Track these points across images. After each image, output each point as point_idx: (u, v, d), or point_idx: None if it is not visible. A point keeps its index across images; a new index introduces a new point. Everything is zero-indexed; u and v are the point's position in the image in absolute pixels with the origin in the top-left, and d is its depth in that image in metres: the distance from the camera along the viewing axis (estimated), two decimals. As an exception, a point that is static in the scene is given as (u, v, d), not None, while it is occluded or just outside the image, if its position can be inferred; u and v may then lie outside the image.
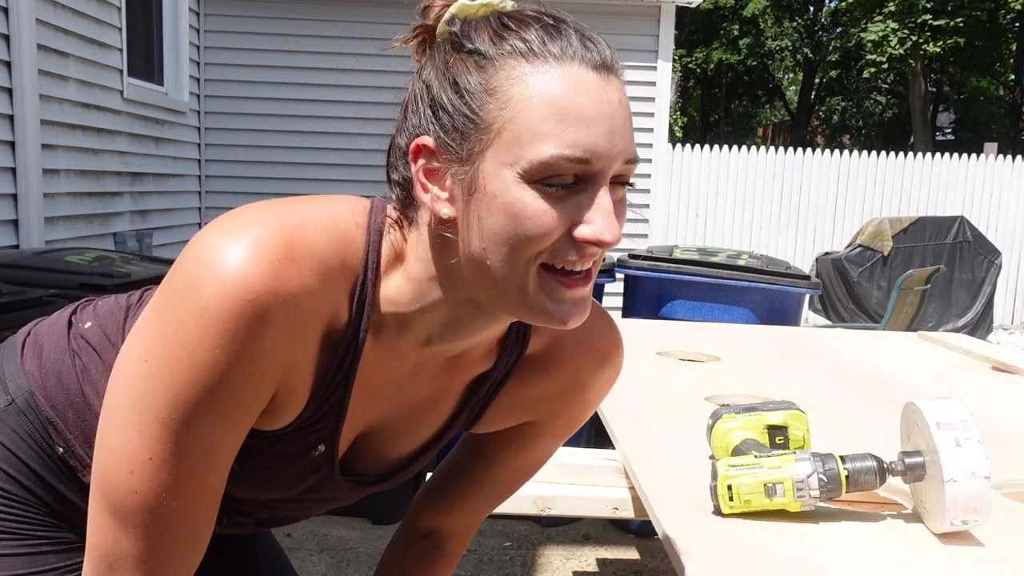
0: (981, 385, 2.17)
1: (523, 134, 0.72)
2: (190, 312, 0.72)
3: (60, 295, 2.37)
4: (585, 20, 0.80)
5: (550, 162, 0.71)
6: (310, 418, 0.84)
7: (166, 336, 0.73)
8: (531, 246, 0.73)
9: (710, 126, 28.03)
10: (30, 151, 3.70)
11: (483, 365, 0.91)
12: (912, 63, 18.47)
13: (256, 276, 0.72)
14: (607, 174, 0.73)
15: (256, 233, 0.73)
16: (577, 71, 0.72)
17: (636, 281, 3.91)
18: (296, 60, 6.25)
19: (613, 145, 0.72)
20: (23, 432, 0.92)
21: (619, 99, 0.74)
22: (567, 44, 0.73)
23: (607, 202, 0.73)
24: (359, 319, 0.81)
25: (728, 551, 1.10)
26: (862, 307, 7.28)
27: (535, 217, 0.72)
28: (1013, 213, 8.62)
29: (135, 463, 0.75)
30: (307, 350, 0.78)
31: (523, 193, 0.72)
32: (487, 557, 3.00)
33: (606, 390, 1.00)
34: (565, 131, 0.71)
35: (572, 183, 0.72)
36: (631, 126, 0.75)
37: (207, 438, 0.75)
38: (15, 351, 0.97)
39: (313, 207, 0.80)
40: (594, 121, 0.72)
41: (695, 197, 8.34)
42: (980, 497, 1.09)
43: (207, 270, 0.72)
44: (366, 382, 0.85)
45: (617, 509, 1.54)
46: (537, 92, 0.72)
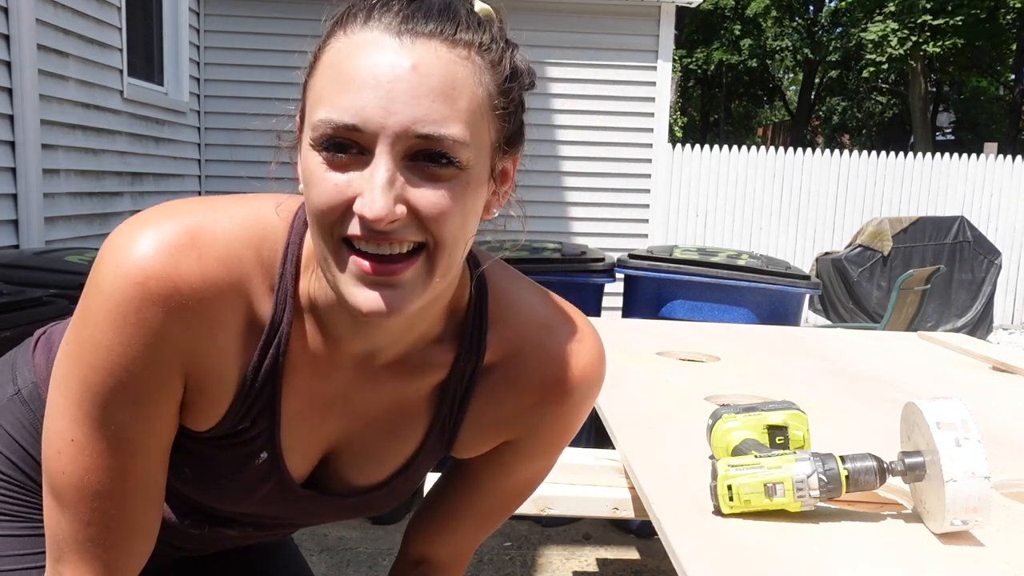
0: (981, 385, 2.16)
1: (313, 100, 0.72)
2: (92, 296, 0.75)
3: (60, 295, 2.37)
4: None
5: (320, 126, 0.69)
6: (241, 420, 0.82)
7: (77, 321, 0.77)
8: (321, 217, 0.70)
9: (710, 126, 28.03)
10: (30, 151, 3.70)
11: (439, 373, 0.87)
12: (912, 63, 18.47)
13: (149, 261, 0.73)
14: (385, 144, 0.67)
15: (162, 223, 0.75)
16: (370, 36, 0.69)
17: (636, 281, 3.91)
18: (296, 60, 6.24)
19: (389, 113, 0.67)
20: (26, 421, 0.95)
21: (414, 65, 0.68)
22: (382, 11, 0.70)
23: (380, 174, 0.67)
24: (280, 315, 0.79)
25: (728, 551, 1.09)
26: (862, 307, 7.28)
27: (317, 185, 0.70)
28: (1013, 213, 8.62)
29: (61, 444, 0.78)
30: (219, 344, 0.78)
31: (311, 160, 0.71)
32: (487, 557, 3.00)
33: (585, 404, 0.93)
34: (337, 95, 0.68)
35: (355, 152, 0.69)
36: (437, 100, 0.68)
37: (120, 422, 0.77)
38: (28, 347, 1.01)
39: (236, 203, 0.81)
40: (367, 86, 0.67)
41: (695, 197, 8.34)
42: (980, 497, 1.09)
43: (109, 256, 0.74)
44: (305, 391, 0.84)
45: (617, 509, 1.54)
46: (328, 58, 0.71)
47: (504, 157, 0.77)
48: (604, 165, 6.38)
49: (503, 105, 0.74)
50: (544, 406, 0.90)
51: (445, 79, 0.68)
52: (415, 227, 0.70)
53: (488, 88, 0.72)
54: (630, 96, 6.36)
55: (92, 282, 0.75)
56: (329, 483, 0.93)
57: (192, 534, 0.98)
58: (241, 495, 0.90)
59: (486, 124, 0.72)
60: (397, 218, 0.68)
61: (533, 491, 1.04)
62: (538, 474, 1.02)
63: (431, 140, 0.68)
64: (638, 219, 6.57)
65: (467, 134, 0.69)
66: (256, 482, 0.88)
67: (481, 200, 0.75)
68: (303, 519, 0.98)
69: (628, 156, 6.45)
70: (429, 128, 0.68)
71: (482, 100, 0.71)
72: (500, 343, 0.88)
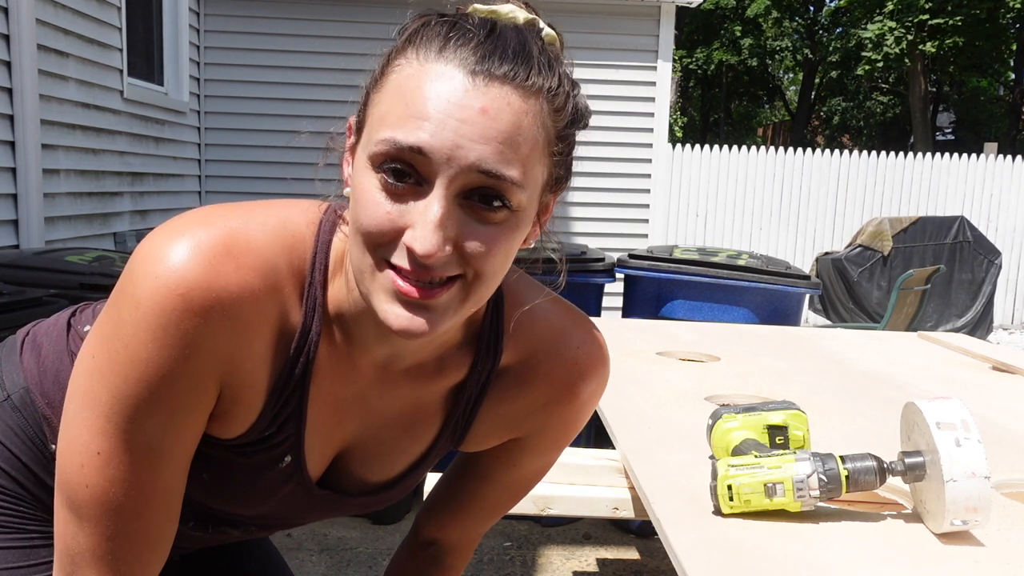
0: (981, 385, 2.17)
1: (377, 120, 0.72)
2: (126, 308, 0.73)
3: (60, 295, 2.37)
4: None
5: (383, 144, 0.69)
6: (268, 426, 0.83)
7: (107, 332, 0.75)
8: (368, 238, 0.71)
9: (710, 126, 28.03)
10: (30, 151, 3.70)
11: (455, 376, 0.89)
12: (908, 62, 18.47)
13: (189, 272, 0.72)
14: (444, 179, 0.69)
15: (196, 231, 0.74)
16: (444, 69, 0.70)
17: (636, 281, 3.91)
18: (296, 60, 6.25)
19: (456, 147, 0.68)
20: (17, 428, 0.93)
21: (485, 108, 0.69)
22: (458, 43, 0.71)
23: (435, 210, 0.68)
24: (309, 322, 0.80)
25: (728, 551, 1.10)
26: (862, 307, 7.28)
27: (369, 205, 0.70)
28: (1013, 213, 8.62)
29: (85, 457, 0.76)
30: (254, 352, 0.78)
31: (366, 178, 0.71)
32: (487, 557, 3.00)
33: (590, 404, 0.97)
34: (406, 120, 0.69)
35: (412, 182, 0.69)
36: (503, 144, 0.69)
37: (151, 434, 0.76)
38: (14, 349, 0.98)
39: (262, 209, 0.80)
40: (436, 119, 0.68)
41: (695, 197, 8.34)
42: (980, 497, 1.09)
43: (143, 267, 0.73)
44: (327, 395, 0.85)
45: (617, 509, 1.54)
46: (399, 82, 0.71)
47: (549, 195, 0.79)
48: (604, 165, 6.38)
49: (559, 150, 0.76)
50: (554, 405, 0.94)
51: (512, 126, 0.70)
52: (457, 262, 0.71)
53: (548, 133, 0.74)
54: (630, 96, 6.35)
55: (126, 293, 0.73)
56: (340, 481, 0.94)
57: (194, 536, 0.97)
58: (260, 498, 0.90)
59: (541, 167, 0.74)
60: (444, 255, 0.70)
61: (539, 481, 1.09)
62: (544, 467, 1.07)
63: (490, 178, 0.69)
64: (638, 219, 6.57)
65: (524, 178, 0.71)
66: (277, 485, 0.89)
67: (523, 236, 0.77)
68: (310, 517, 0.99)
69: (628, 156, 6.45)
70: (492, 167, 0.69)
71: (542, 146, 0.73)
72: (515, 347, 0.91)
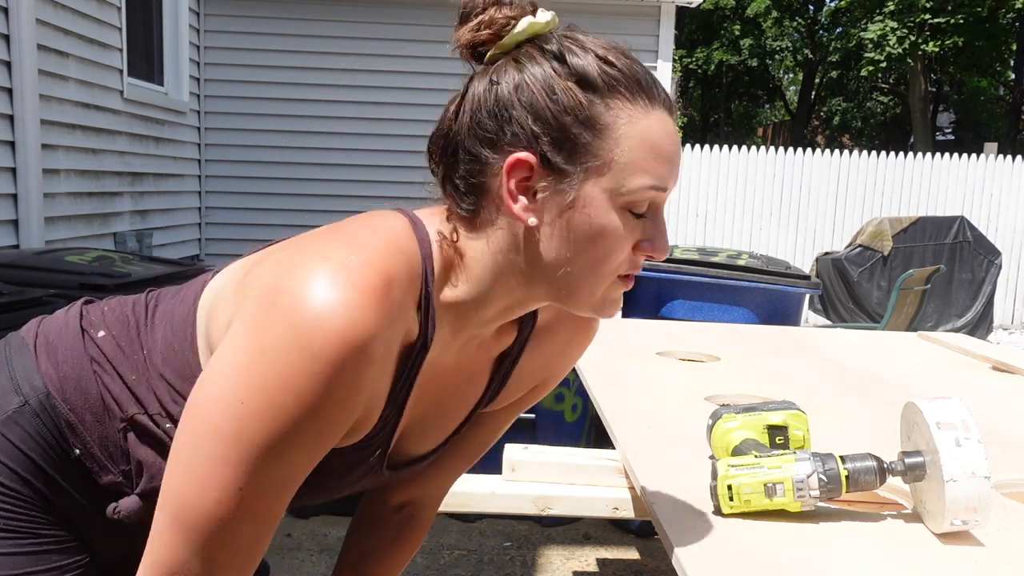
0: (981, 385, 2.17)
1: (628, 168, 0.84)
2: (297, 361, 0.73)
3: (60, 295, 2.37)
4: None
5: (644, 192, 0.84)
6: (378, 428, 0.88)
7: (267, 382, 0.74)
8: (612, 261, 0.86)
9: (710, 126, 28.04)
10: (30, 151, 3.70)
11: (505, 343, 0.99)
12: (910, 62, 18.47)
13: (363, 325, 0.75)
14: (665, 200, 0.87)
15: (350, 279, 0.76)
16: (662, 116, 0.86)
17: (636, 281, 3.87)
18: (296, 60, 6.25)
19: (678, 176, 0.88)
20: (35, 433, 0.92)
21: (673, 134, 0.87)
22: (654, 91, 0.86)
23: (664, 223, 0.88)
24: (425, 331, 0.86)
25: (728, 551, 1.10)
26: (862, 307, 7.28)
27: (619, 238, 0.85)
28: (1013, 213, 8.62)
29: (224, 494, 0.76)
30: (386, 376, 0.84)
31: (613, 216, 0.84)
32: (487, 557, 3.00)
33: (587, 344, 1.11)
34: (658, 167, 0.84)
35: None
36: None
37: (295, 467, 0.79)
38: (24, 352, 0.97)
39: (370, 233, 0.83)
40: (673, 158, 0.86)
41: (695, 197, 8.34)
42: (980, 497, 1.09)
43: (312, 319, 0.74)
44: (418, 388, 0.90)
45: (617, 509, 1.54)
46: (640, 134, 0.84)
47: None
48: (604, 165, 6.38)
49: None
50: (569, 349, 1.07)
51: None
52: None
53: None
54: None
55: (292, 348, 0.74)
56: (395, 456, 0.99)
57: None
58: (340, 488, 0.96)
59: None
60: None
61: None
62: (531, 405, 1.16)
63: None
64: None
65: None
66: (360, 476, 0.95)
67: None
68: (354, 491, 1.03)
69: (628, 156, 6.45)
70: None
71: None
72: (547, 309, 1.00)
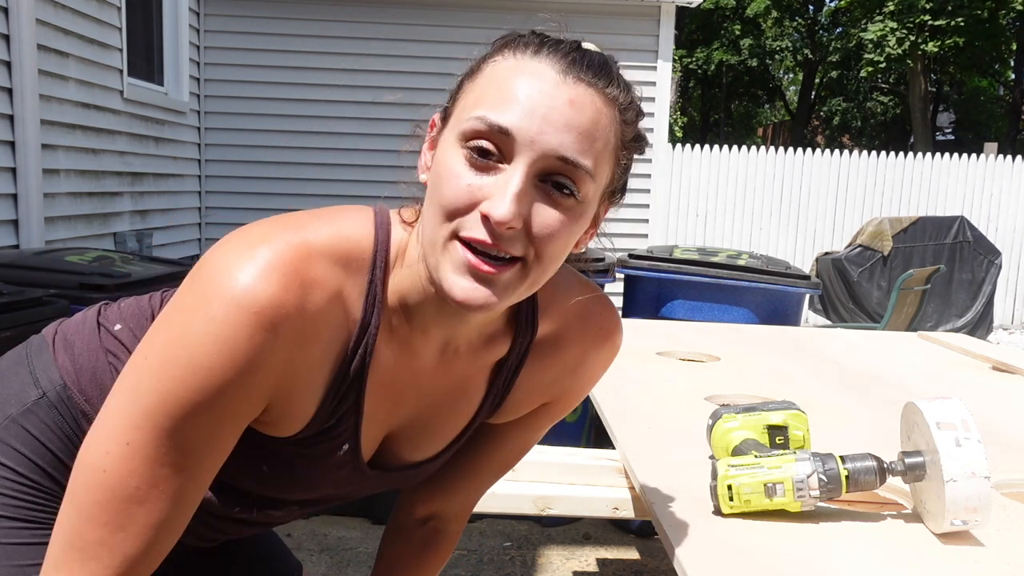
0: (981, 385, 2.17)
1: (470, 102, 0.79)
2: (199, 318, 0.75)
3: (60, 295, 2.37)
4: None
5: (475, 122, 0.76)
6: (327, 419, 0.87)
7: (170, 337, 0.77)
8: (446, 208, 0.76)
9: (710, 126, 28.03)
10: (30, 151, 3.70)
11: (498, 352, 0.95)
12: (910, 63, 18.47)
13: (264, 292, 0.75)
14: (527, 157, 0.75)
15: (263, 250, 0.78)
16: (538, 66, 0.78)
17: (636, 281, 3.91)
18: (296, 60, 6.25)
19: (541, 132, 0.75)
20: (54, 424, 0.95)
21: (571, 102, 0.76)
22: (552, 50, 0.79)
23: (516, 182, 0.75)
24: (368, 318, 0.84)
25: (728, 551, 1.10)
26: (862, 307, 7.27)
27: (451, 179, 0.77)
28: (1013, 213, 8.61)
29: (111, 444, 0.78)
30: (311, 358, 0.82)
31: (452, 154, 0.78)
32: (487, 557, 3.00)
33: (607, 366, 1.06)
34: (499, 103, 0.76)
35: (495, 159, 0.76)
36: (582, 134, 0.77)
37: (188, 438, 0.78)
38: (44, 348, 1.00)
39: (317, 220, 0.84)
40: (527, 104, 0.76)
41: (695, 197, 8.33)
42: (980, 497, 1.09)
43: (217, 283, 0.76)
44: (385, 382, 0.88)
45: (617, 509, 1.54)
46: (494, 71, 0.79)
47: (605, 204, 0.87)
48: (604, 165, 6.38)
49: (623, 158, 0.84)
50: (582, 368, 1.02)
51: (592, 121, 0.78)
52: (522, 242, 0.77)
53: (618, 139, 0.82)
54: (630, 96, 6.35)
55: (198, 304, 0.76)
56: (386, 459, 0.98)
57: (235, 520, 1.00)
58: (315, 484, 0.94)
59: (607, 169, 0.82)
60: (515, 227, 0.75)
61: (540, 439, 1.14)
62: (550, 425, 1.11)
63: (568, 165, 0.76)
64: (638, 219, 6.57)
65: (596, 171, 0.79)
66: (333, 471, 0.93)
67: (580, 233, 0.83)
68: (354, 495, 1.02)
69: (628, 156, 6.45)
70: (571, 154, 0.76)
71: (612, 148, 0.81)
72: (550, 319, 0.97)
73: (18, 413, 0.94)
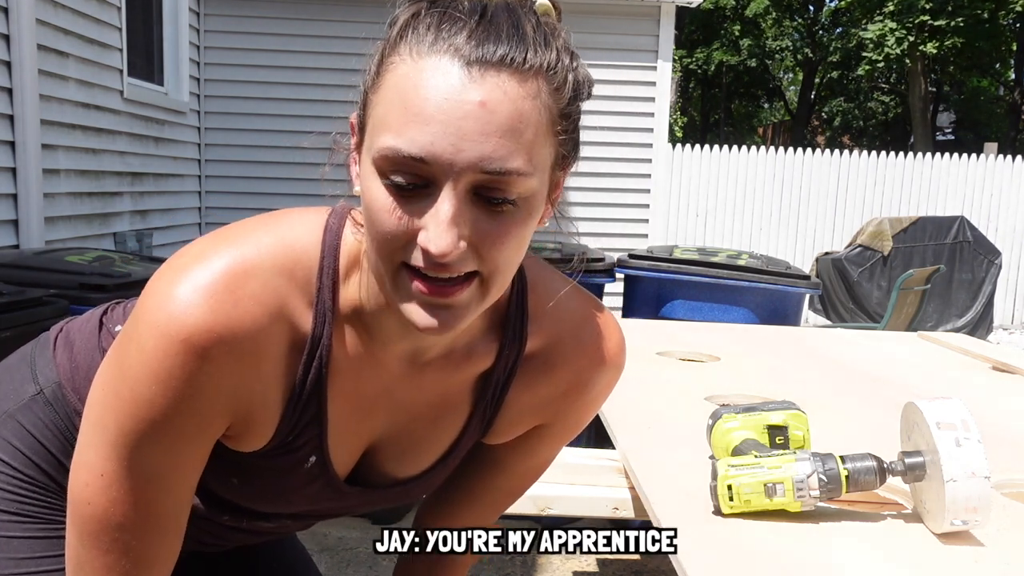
0: (981, 385, 2.17)
1: (378, 123, 0.71)
2: (132, 351, 0.76)
3: (60, 295, 2.37)
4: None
5: (386, 152, 0.68)
6: (288, 433, 0.84)
7: (114, 371, 0.78)
8: (383, 244, 0.71)
9: (710, 126, 28.02)
10: (30, 151, 3.70)
11: (483, 363, 0.90)
12: (909, 63, 18.47)
13: (189, 316, 0.73)
14: (450, 180, 0.68)
15: (194, 272, 0.75)
16: (439, 63, 0.68)
17: (636, 281, 3.91)
18: (296, 60, 6.25)
19: (458, 150, 0.67)
20: (48, 421, 0.95)
21: (483, 101, 0.67)
22: (451, 32, 0.69)
23: (445, 209, 0.68)
24: (320, 329, 0.81)
25: (728, 551, 1.10)
26: (862, 307, 7.27)
27: (380, 213, 0.70)
28: (1013, 213, 8.61)
29: (89, 477, 0.79)
30: (263, 375, 0.79)
31: (374, 185, 0.71)
32: (487, 557, 3.00)
33: (608, 390, 0.99)
34: (405, 126, 0.68)
35: (421, 184, 0.69)
36: (503, 136, 0.68)
37: (153, 463, 0.78)
38: (47, 346, 1.00)
39: (260, 230, 0.80)
40: (435, 120, 0.67)
41: (695, 197, 8.33)
42: (980, 497, 1.09)
43: (147, 313, 0.75)
44: (350, 393, 0.86)
45: (617, 509, 1.54)
46: (394, 81, 0.70)
47: (559, 172, 0.78)
48: (604, 165, 6.38)
49: (564, 128, 0.75)
50: (577, 392, 0.95)
51: (513, 115, 0.69)
52: (473, 258, 0.71)
53: (551, 113, 0.72)
54: (630, 96, 6.35)
55: (131, 336, 0.76)
56: (371, 476, 0.95)
57: (226, 527, 0.99)
58: (288, 497, 0.92)
59: (547, 149, 0.73)
60: (460, 252, 0.70)
61: (547, 468, 1.10)
62: (556, 454, 1.08)
63: (496, 176, 0.69)
64: (638, 219, 6.57)
65: (530, 165, 0.70)
66: (304, 485, 0.90)
67: (536, 220, 0.76)
68: (342, 511, 1.00)
69: (628, 156, 6.45)
70: (496, 165, 0.68)
71: (545, 127, 0.72)
72: (540, 333, 0.91)
73: (15, 409, 0.96)
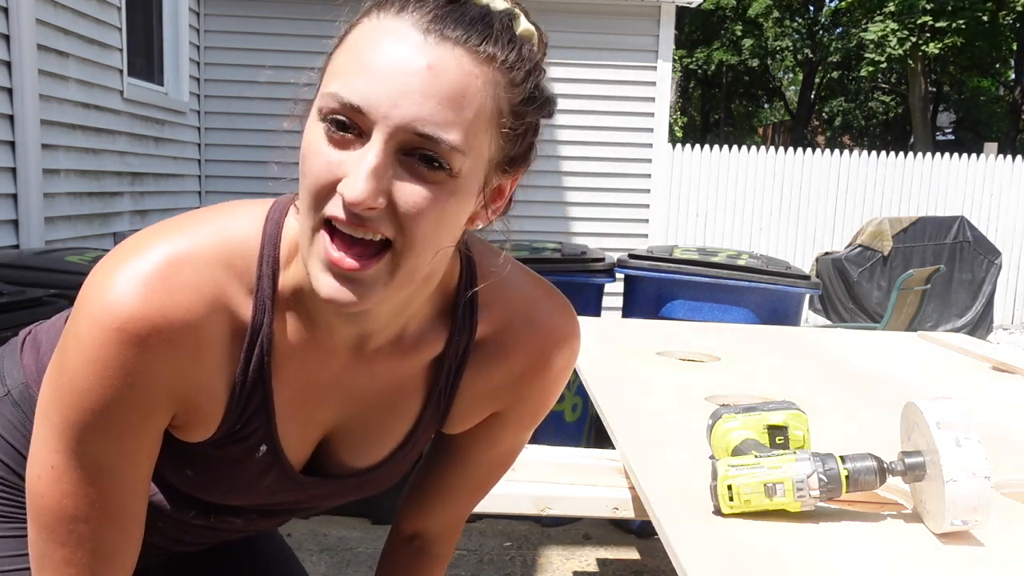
0: (981, 385, 2.17)
1: (330, 74, 0.73)
2: (71, 342, 0.76)
3: (60, 295, 2.37)
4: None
5: (328, 99, 0.70)
6: (235, 422, 0.84)
7: (56, 363, 0.79)
8: (310, 190, 0.71)
9: (710, 126, 28.02)
10: (30, 151, 3.70)
11: (433, 350, 0.89)
12: (911, 63, 18.47)
13: (124, 305, 0.74)
14: (383, 133, 0.68)
15: (129, 262, 0.76)
16: (398, 26, 0.70)
17: (636, 281, 3.91)
18: (297, 60, 6.24)
19: (395, 105, 0.68)
20: (16, 421, 0.96)
21: (431, 67, 0.68)
22: (416, 7, 0.71)
23: (369, 159, 0.68)
24: (260, 317, 0.81)
25: (728, 551, 1.10)
26: (862, 307, 7.28)
27: (312, 158, 0.71)
28: (1013, 213, 8.62)
29: (41, 470, 0.80)
30: (204, 365, 0.79)
31: (314, 130, 0.72)
32: (487, 557, 3.00)
33: (567, 371, 0.98)
34: (352, 75, 0.70)
35: (355, 132, 0.70)
36: (442, 103, 0.69)
37: (99, 455, 0.79)
38: (16, 349, 1.01)
39: (199, 221, 0.81)
40: (380, 74, 0.69)
41: (695, 197, 8.34)
42: (980, 497, 1.09)
43: (84, 304, 0.76)
44: (298, 381, 0.86)
45: (617, 509, 1.54)
46: (354, 38, 0.73)
47: (502, 175, 0.78)
48: (604, 165, 6.38)
49: (511, 125, 0.74)
50: (532, 375, 0.94)
51: (457, 86, 0.69)
52: (389, 220, 0.71)
53: (500, 104, 0.73)
54: (630, 96, 6.35)
55: (70, 328, 0.77)
56: (329, 466, 0.94)
57: (196, 525, 0.98)
58: (244, 489, 0.91)
59: (488, 138, 0.73)
60: (376, 207, 0.69)
61: (516, 457, 1.08)
62: (521, 442, 1.06)
63: (428, 140, 0.69)
64: (638, 219, 6.57)
65: (465, 144, 0.70)
66: (258, 475, 0.89)
67: (465, 211, 0.76)
68: (307, 504, 0.99)
69: (628, 156, 6.45)
70: (430, 129, 0.68)
71: (490, 114, 0.72)
72: (491, 317, 0.90)
73: None
